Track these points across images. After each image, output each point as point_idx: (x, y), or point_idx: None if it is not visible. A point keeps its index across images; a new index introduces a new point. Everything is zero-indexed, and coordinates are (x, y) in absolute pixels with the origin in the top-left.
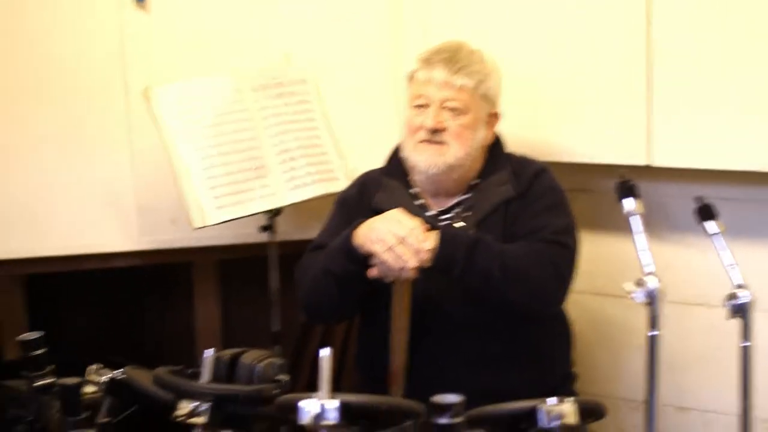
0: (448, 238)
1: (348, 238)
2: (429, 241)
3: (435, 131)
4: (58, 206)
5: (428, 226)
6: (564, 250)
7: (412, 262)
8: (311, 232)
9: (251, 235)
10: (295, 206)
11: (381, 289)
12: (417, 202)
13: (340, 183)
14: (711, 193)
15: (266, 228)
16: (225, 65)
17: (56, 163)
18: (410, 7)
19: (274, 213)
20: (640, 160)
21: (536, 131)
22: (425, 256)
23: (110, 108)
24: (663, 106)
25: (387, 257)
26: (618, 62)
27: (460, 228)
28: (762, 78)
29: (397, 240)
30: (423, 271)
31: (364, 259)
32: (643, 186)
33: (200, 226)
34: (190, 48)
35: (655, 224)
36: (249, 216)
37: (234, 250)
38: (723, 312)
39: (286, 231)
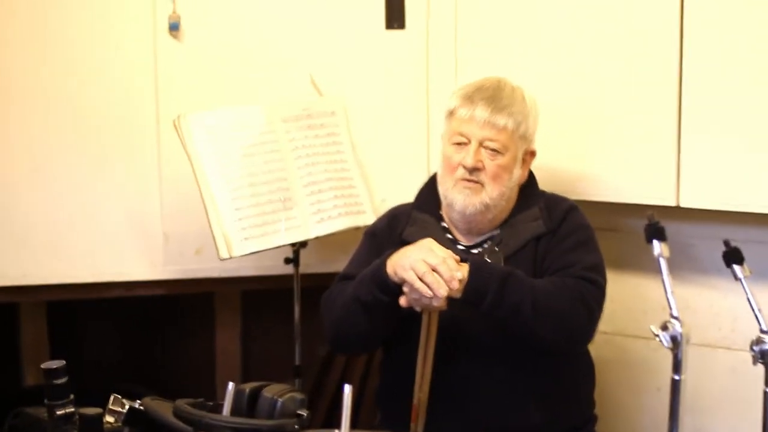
0: (479, 269)
1: (380, 267)
2: (461, 271)
3: (473, 170)
4: (84, 233)
5: (460, 256)
6: (594, 287)
7: (442, 292)
8: (335, 265)
9: (275, 267)
10: (320, 239)
11: (408, 321)
12: (448, 236)
13: (367, 216)
14: (737, 235)
15: (290, 260)
16: (256, 94)
17: (84, 189)
18: (440, 39)
19: (300, 245)
20: (669, 201)
21: (565, 169)
22: (456, 286)
23: (141, 135)
24: (692, 146)
25: (418, 285)
26: (648, 102)
27: (494, 262)
28: None
29: (428, 268)
30: (452, 303)
31: (395, 289)
32: (669, 227)
33: (226, 257)
34: (221, 76)
35: (679, 265)
36: (274, 249)
37: (257, 282)
38: (746, 356)
39: (310, 263)
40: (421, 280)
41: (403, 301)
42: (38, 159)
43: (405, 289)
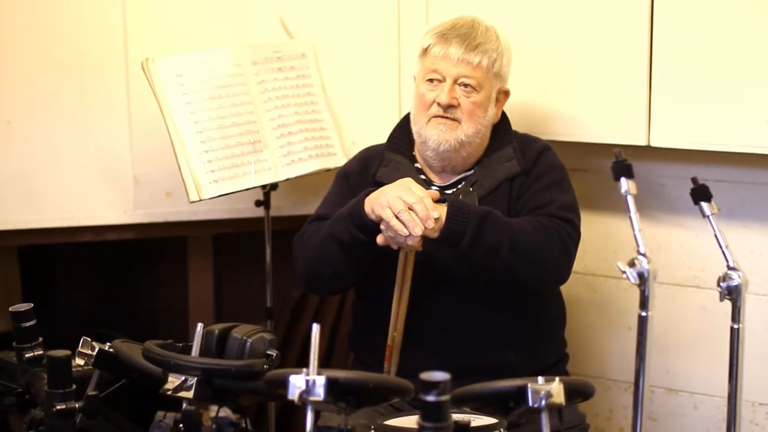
0: (457, 210)
1: (358, 205)
2: (437, 211)
3: (448, 107)
4: (54, 177)
5: (438, 195)
6: (570, 226)
7: (417, 230)
8: (306, 207)
9: (246, 209)
10: (291, 181)
11: (382, 262)
12: (421, 177)
13: (338, 159)
14: (708, 174)
15: (261, 203)
16: (226, 37)
17: (53, 133)
18: None
19: (270, 188)
20: (639, 141)
21: (536, 109)
22: (431, 225)
23: (110, 79)
24: (663, 87)
25: (394, 223)
26: (619, 42)
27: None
28: (760, 60)
29: (405, 206)
30: (429, 243)
31: (372, 227)
32: (640, 167)
33: (196, 199)
34: (191, 19)
35: (650, 204)
36: (244, 191)
37: (228, 225)
38: (714, 294)
39: (282, 206)
40: (397, 218)
41: (380, 239)
42: (4, 104)
43: (381, 226)
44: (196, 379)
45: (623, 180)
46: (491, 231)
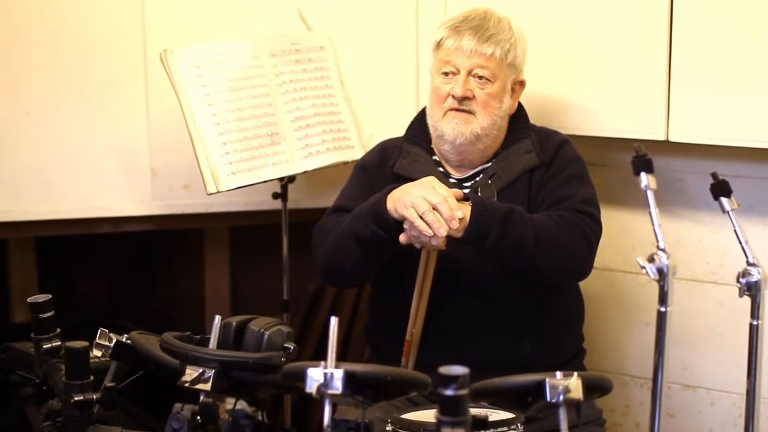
0: (481, 209)
1: (380, 202)
2: (461, 210)
3: (463, 99)
4: (72, 168)
5: (461, 194)
6: (591, 220)
7: (442, 231)
8: (323, 200)
9: (263, 202)
10: (309, 174)
11: (402, 259)
12: (440, 170)
13: (356, 152)
14: (726, 170)
15: (278, 195)
16: (244, 29)
17: (71, 124)
18: None
19: (287, 180)
20: (658, 135)
21: (555, 103)
22: (455, 226)
23: (128, 71)
24: (682, 81)
25: (418, 224)
26: (639, 36)
27: (487, 196)
28: None
29: (429, 207)
30: (453, 242)
31: (395, 225)
32: (659, 161)
33: (213, 191)
34: (209, 10)
35: (669, 200)
36: (262, 183)
37: (245, 217)
38: (732, 290)
39: (299, 199)
40: (421, 218)
41: (402, 238)
42: (23, 94)
43: (405, 226)
44: (213, 371)
45: (643, 175)
46: (515, 229)
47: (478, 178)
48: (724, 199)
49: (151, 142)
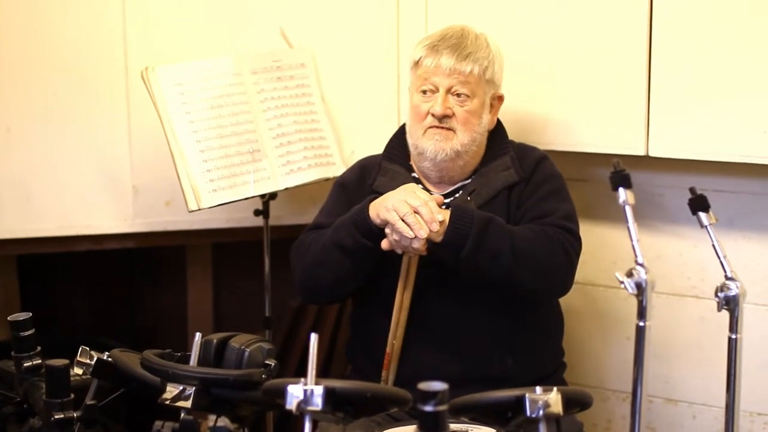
0: (460, 214)
1: (362, 211)
2: (442, 214)
3: (443, 117)
4: (53, 186)
5: (442, 200)
6: (572, 236)
7: (422, 232)
8: (305, 217)
9: (245, 219)
10: (290, 191)
11: (382, 273)
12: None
13: (337, 168)
14: (707, 185)
15: (260, 212)
16: (225, 46)
17: (52, 141)
18: None
19: (269, 197)
20: (638, 151)
21: (534, 119)
22: (436, 228)
23: (110, 88)
24: (661, 97)
25: (399, 226)
26: (618, 53)
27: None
28: (759, 71)
29: (410, 209)
30: (433, 250)
31: (377, 232)
32: (639, 176)
33: (194, 209)
34: (190, 28)
35: (649, 214)
36: (243, 200)
37: (227, 234)
38: (712, 304)
39: (281, 215)
40: (402, 220)
41: (384, 243)
42: (11, 116)
43: (387, 230)
44: (194, 388)
45: (621, 190)
46: (494, 236)
47: (457, 195)
48: (702, 214)
49: (132, 159)
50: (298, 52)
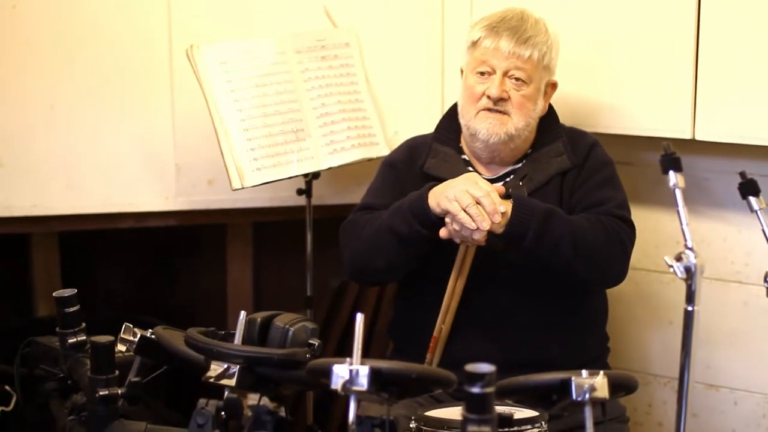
0: (522, 206)
1: (421, 199)
2: (503, 206)
3: (498, 100)
4: (96, 164)
5: (504, 191)
6: (627, 225)
7: (485, 224)
8: (348, 197)
9: (287, 198)
10: (333, 170)
11: (434, 256)
12: (469, 169)
13: (380, 148)
14: (753, 169)
15: (303, 191)
16: (269, 25)
17: (95, 119)
18: None
19: (312, 176)
20: (684, 134)
21: (580, 102)
22: (498, 219)
23: (154, 66)
24: (708, 80)
25: (461, 216)
26: (666, 34)
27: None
28: None
29: (472, 200)
30: (492, 239)
31: (436, 221)
32: (685, 161)
33: (238, 187)
34: (235, 7)
35: (694, 199)
36: (287, 179)
37: (269, 213)
38: (757, 289)
39: (323, 195)
40: (464, 211)
41: (443, 232)
42: (48, 89)
43: (447, 219)
44: (238, 367)
45: (672, 173)
46: (555, 229)
47: (508, 179)
48: (752, 198)
49: (175, 137)
50: (342, 31)
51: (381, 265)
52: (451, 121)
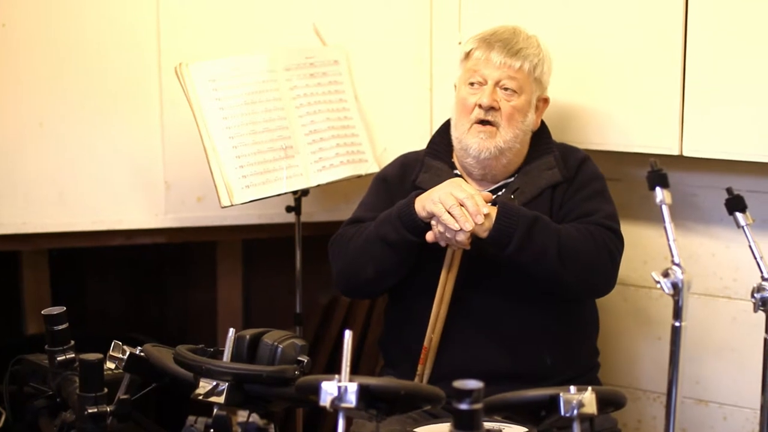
0: (507, 211)
1: (408, 205)
2: (487, 208)
3: (489, 109)
4: (86, 181)
5: (490, 197)
6: (615, 236)
7: (468, 225)
8: (337, 213)
9: (276, 215)
10: (322, 187)
11: (423, 266)
12: (456, 173)
13: (369, 165)
14: (740, 185)
15: (292, 209)
16: (259, 42)
17: (85, 136)
18: None
19: (301, 194)
20: (672, 150)
21: (569, 118)
22: (481, 221)
23: (143, 84)
24: (696, 96)
25: (445, 218)
26: (653, 52)
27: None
28: None
29: (456, 202)
30: (477, 246)
31: (422, 227)
32: (672, 177)
33: (227, 204)
34: (224, 24)
35: (682, 215)
36: (276, 196)
37: (258, 230)
38: (745, 305)
39: (312, 212)
40: (448, 212)
41: (429, 236)
42: (38, 106)
43: (432, 223)
44: (227, 384)
45: (658, 189)
46: (540, 235)
47: (500, 193)
48: (738, 214)
49: (165, 155)
50: (331, 49)
51: (370, 274)
52: (443, 136)
